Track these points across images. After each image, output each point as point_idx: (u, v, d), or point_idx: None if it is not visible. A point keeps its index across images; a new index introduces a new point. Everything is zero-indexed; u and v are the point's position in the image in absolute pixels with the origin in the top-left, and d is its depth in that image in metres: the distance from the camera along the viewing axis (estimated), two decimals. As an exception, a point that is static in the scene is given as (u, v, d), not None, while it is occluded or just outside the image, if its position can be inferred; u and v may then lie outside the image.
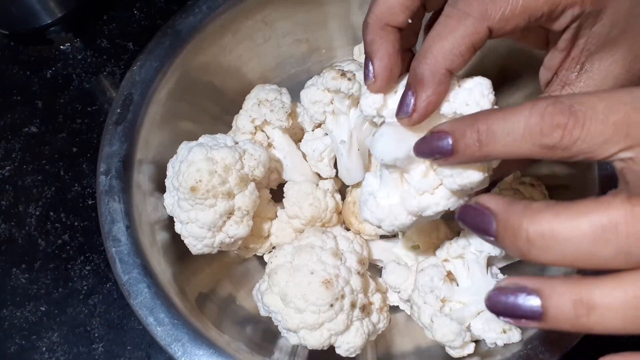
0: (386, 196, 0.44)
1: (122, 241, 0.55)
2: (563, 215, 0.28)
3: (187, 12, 0.64)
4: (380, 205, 0.44)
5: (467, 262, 0.55)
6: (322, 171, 0.62)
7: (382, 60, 0.42)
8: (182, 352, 0.52)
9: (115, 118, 0.60)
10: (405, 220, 0.44)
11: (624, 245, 0.27)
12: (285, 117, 0.61)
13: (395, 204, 0.44)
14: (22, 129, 0.77)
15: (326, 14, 0.71)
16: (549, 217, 0.28)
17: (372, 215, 0.45)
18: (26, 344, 0.66)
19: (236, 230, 0.56)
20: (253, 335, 0.59)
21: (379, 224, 0.45)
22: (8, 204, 0.73)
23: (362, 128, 0.58)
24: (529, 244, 0.29)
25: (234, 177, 0.55)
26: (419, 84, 0.39)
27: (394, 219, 0.44)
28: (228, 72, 0.69)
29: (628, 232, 0.27)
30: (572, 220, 0.28)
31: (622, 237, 0.27)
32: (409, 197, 0.43)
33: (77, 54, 0.80)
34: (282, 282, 0.53)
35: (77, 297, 0.68)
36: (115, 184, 0.57)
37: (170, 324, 0.53)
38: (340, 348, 0.54)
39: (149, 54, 0.63)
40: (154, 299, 0.53)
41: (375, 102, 0.44)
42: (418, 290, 0.55)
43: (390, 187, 0.44)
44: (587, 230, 0.27)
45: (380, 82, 0.42)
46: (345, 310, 0.53)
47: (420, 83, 0.39)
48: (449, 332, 0.52)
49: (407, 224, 0.44)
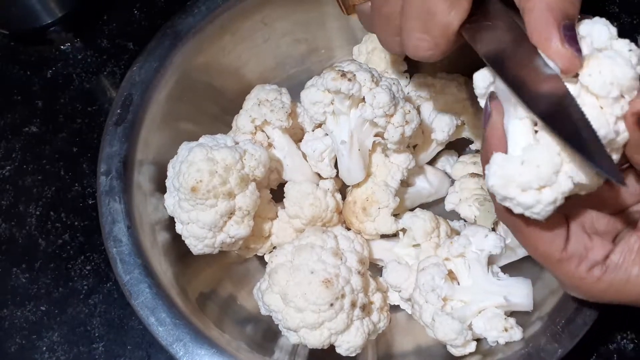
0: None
1: (123, 241, 0.55)
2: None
3: (187, 12, 0.64)
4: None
5: (468, 261, 0.55)
6: (322, 171, 0.62)
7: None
8: (184, 352, 0.52)
9: (115, 119, 0.60)
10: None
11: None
12: (285, 117, 0.61)
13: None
14: (22, 129, 0.77)
15: (325, 14, 0.71)
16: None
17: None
18: (26, 344, 0.66)
19: (237, 231, 0.56)
20: (254, 334, 0.59)
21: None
22: (8, 203, 0.73)
23: (363, 128, 0.58)
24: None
25: (235, 177, 0.55)
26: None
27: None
28: (228, 73, 0.69)
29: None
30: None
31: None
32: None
33: (77, 54, 0.80)
34: (282, 281, 0.53)
35: (77, 297, 0.68)
36: (116, 184, 0.58)
37: (172, 323, 0.53)
38: (341, 347, 0.54)
39: (149, 54, 0.63)
40: (155, 299, 0.53)
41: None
42: (419, 289, 0.55)
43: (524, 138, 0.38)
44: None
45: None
46: (345, 310, 0.53)
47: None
48: (450, 330, 0.52)
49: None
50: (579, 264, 0.41)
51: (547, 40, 0.37)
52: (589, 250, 0.42)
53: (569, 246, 0.42)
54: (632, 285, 0.40)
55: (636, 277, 0.40)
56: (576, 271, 0.41)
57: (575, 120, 0.36)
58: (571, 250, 0.42)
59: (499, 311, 0.54)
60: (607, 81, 0.35)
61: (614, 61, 0.35)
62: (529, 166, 0.36)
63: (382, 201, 0.60)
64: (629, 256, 0.41)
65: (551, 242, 0.42)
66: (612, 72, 0.35)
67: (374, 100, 0.54)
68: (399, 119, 0.56)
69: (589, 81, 0.36)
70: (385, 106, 0.55)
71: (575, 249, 0.42)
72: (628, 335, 0.63)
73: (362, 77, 0.55)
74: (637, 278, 0.40)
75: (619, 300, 0.42)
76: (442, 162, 0.69)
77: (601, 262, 0.41)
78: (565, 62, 0.37)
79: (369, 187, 0.61)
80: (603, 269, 0.41)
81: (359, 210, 0.61)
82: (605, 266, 0.41)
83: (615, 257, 0.41)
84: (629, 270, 0.40)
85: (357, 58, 0.70)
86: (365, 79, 0.55)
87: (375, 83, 0.55)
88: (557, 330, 0.51)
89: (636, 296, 0.41)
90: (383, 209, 0.60)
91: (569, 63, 0.37)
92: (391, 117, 0.56)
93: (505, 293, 0.54)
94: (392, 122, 0.56)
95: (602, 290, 0.41)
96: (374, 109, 0.55)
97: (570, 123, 0.36)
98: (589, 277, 0.41)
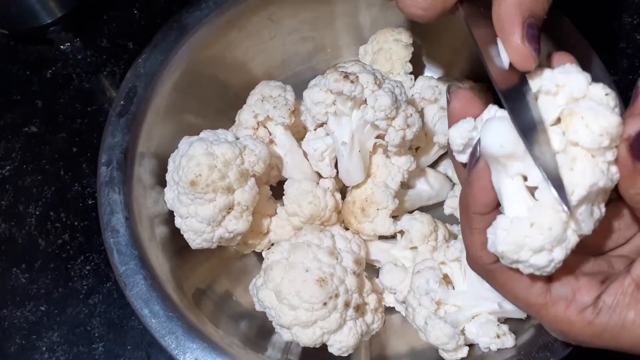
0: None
1: (121, 232, 0.56)
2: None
3: (194, 7, 0.64)
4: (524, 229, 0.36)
5: (464, 266, 0.55)
6: (322, 171, 0.62)
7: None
8: (176, 344, 0.52)
9: (118, 110, 0.60)
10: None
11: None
12: (287, 114, 0.61)
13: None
14: (22, 129, 0.77)
15: (333, 12, 0.71)
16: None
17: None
18: (26, 344, 0.66)
19: (235, 226, 0.57)
20: (248, 331, 0.60)
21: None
22: (8, 203, 0.73)
23: (364, 130, 0.58)
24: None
25: (234, 172, 0.55)
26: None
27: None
28: (233, 68, 0.69)
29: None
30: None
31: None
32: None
33: (77, 54, 0.80)
34: (277, 278, 0.53)
35: (77, 297, 0.68)
36: (116, 175, 0.58)
37: (165, 316, 0.53)
38: (333, 347, 0.54)
39: (155, 47, 0.63)
40: (150, 291, 0.54)
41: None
42: (413, 292, 0.55)
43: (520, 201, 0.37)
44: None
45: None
46: (338, 310, 0.53)
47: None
48: (442, 334, 0.52)
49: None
50: (567, 307, 0.38)
51: (509, 34, 0.37)
52: (576, 292, 0.39)
53: (553, 288, 0.39)
54: (627, 332, 0.37)
55: (632, 322, 0.37)
56: (565, 315, 0.38)
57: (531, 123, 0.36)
58: (556, 293, 0.39)
59: (492, 317, 0.54)
60: (597, 133, 0.35)
61: (596, 112, 0.35)
62: (540, 229, 0.35)
63: (381, 202, 0.60)
64: (622, 299, 0.38)
65: (530, 287, 0.39)
66: (600, 125, 0.35)
67: (376, 103, 0.54)
68: (400, 122, 0.56)
69: (578, 138, 0.35)
70: (387, 109, 0.54)
71: (560, 291, 0.39)
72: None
73: (364, 79, 0.55)
74: (634, 324, 0.37)
75: (614, 346, 0.38)
76: (443, 166, 0.69)
77: (592, 305, 0.38)
78: (521, 59, 0.37)
79: (369, 188, 0.61)
80: (595, 311, 0.38)
81: (358, 210, 0.61)
82: (597, 309, 0.38)
83: (608, 298, 0.38)
84: (624, 314, 0.37)
85: (362, 58, 0.70)
86: (368, 81, 0.55)
87: (378, 85, 0.55)
88: (549, 339, 0.51)
89: (631, 344, 0.38)
90: (382, 210, 0.60)
91: (523, 60, 0.37)
92: (392, 120, 0.56)
93: (499, 299, 0.53)
94: (393, 125, 0.56)
95: (594, 335, 0.38)
96: (375, 112, 0.55)
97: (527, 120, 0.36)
98: (579, 321, 0.38)
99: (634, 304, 0.37)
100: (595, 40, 0.60)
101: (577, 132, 0.35)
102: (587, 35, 0.60)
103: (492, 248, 0.38)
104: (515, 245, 0.36)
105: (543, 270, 0.37)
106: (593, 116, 0.35)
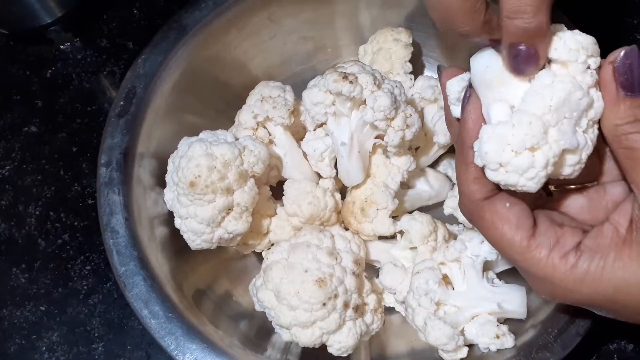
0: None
1: (120, 233, 0.56)
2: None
3: (194, 7, 0.64)
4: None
5: (463, 266, 0.55)
6: (322, 171, 0.62)
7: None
8: (175, 345, 0.52)
9: (118, 110, 0.60)
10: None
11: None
12: (287, 114, 0.61)
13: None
14: (22, 129, 0.77)
15: (333, 12, 0.71)
16: None
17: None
18: (26, 344, 0.66)
19: (235, 226, 0.57)
20: (248, 331, 0.60)
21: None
22: (8, 203, 0.73)
23: (363, 130, 0.58)
24: None
25: (233, 173, 0.55)
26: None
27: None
28: (233, 68, 0.69)
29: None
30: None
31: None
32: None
33: (77, 54, 0.80)
34: (276, 278, 0.54)
35: (77, 297, 0.68)
36: (116, 176, 0.58)
37: (165, 317, 0.53)
38: (332, 347, 0.54)
39: (154, 47, 0.63)
40: (150, 292, 0.54)
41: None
42: (413, 292, 0.55)
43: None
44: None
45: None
46: (337, 310, 0.53)
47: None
48: (442, 335, 0.52)
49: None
50: (550, 251, 0.40)
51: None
52: (559, 237, 0.40)
53: (538, 233, 0.40)
54: (608, 273, 0.38)
55: (612, 263, 0.38)
56: (548, 259, 0.39)
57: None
58: (540, 238, 0.40)
59: (492, 318, 0.54)
60: (574, 48, 0.38)
61: (573, 32, 0.39)
62: (521, 125, 0.38)
63: (381, 202, 0.60)
64: (603, 241, 0.39)
65: (517, 228, 0.40)
66: (576, 39, 0.39)
67: (375, 104, 0.54)
68: (399, 122, 0.56)
69: (558, 54, 0.39)
70: (386, 110, 0.54)
71: (544, 236, 0.40)
72: (628, 335, 0.62)
73: (364, 80, 0.55)
74: (614, 265, 0.38)
75: (596, 293, 0.39)
76: (443, 166, 0.69)
77: (574, 249, 0.39)
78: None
79: (369, 188, 0.61)
80: (577, 254, 0.39)
81: (358, 210, 0.61)
82: (579, 252, 0.39)
83: (589, 242, 0.39)
84: (604, 256, 0.38)
85: (362, 58, 0.70)
86: (367, 81, 0.55)
87: (377, 86, 0.55)
88: (549, 339, 0.51)
89: (614, 288, 0.38)
90: (381, 211, 0.60)
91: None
92: (392, 121, 0.56)
93: (499, 300, 0.54)
94: (392, 126, 0.56)
95: (577, 280, 0.39)
96: (374, 112, 0.55)
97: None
98: (562, 264, 0.39)
99: (614, 246, 0.39)
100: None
101: (557, 49, 0.39)
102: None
103: (478, 159, 0.39)
104: (498, 143, 0.38)
105: (526, 178, 0.38)
106: (570, 34, 0.39)
